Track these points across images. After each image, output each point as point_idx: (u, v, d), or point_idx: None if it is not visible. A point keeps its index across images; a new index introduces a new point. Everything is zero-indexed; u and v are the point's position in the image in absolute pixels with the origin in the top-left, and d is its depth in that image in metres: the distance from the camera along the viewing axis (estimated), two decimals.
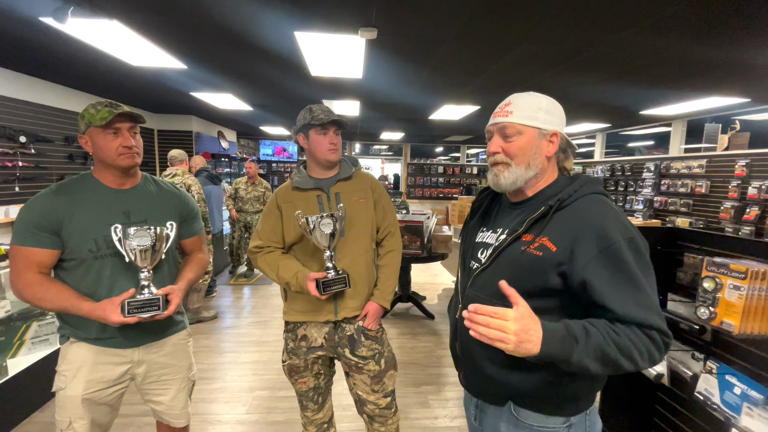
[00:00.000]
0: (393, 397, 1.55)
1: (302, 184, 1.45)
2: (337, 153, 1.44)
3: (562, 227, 0.85)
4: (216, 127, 7.69)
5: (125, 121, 1.23)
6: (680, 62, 2.95)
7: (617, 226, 0.82)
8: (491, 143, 0.97)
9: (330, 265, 1.35)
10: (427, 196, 9.96)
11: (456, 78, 3.62)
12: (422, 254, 3.46)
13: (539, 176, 0.96)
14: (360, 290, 1.45)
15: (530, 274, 0.86)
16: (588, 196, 0.89)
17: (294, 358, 1.47)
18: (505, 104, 0.96)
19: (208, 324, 3.56)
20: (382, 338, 1.52)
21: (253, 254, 1.47)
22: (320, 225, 1.31)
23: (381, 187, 1.56)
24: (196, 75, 3.76)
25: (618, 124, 6.32)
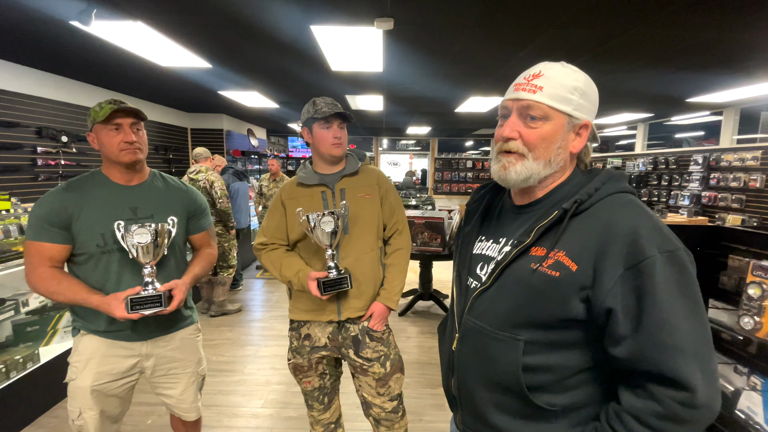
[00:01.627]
0: (400, 401, 1.50)
1: (307, 180, 1.42)
2: (342, 147, 1.40)
3: (583, 238, 0.66)
4: (246, 125, 7.89)
5: (126, 116, 1.25)
6: (731, 43, 2.67)
7: (653, 236, 0.62)
8: (507, 124, 0.73)
9: (332, 264, 1.32)
10: (455, 191, 9.77)
11: (480, 68, 3.48)
12: (443, 251, 3.37)
13: (557, 175, 0.76)
14: (364, 290, 1.40)
15: (546, 301, 0.67)
16: (613, 196, 0.69)
17: (298, 356, 1.45)
18: (533, 74, 0.72)
19: (232, 317, 3.65)
20: (388, 340, 1.46)
21: (258, 251, 1.46)
22: (321, 223, 1.27)
23: (388, 183, 1.51)
24: (222, 74, 3.84)
25: (662, 113, 5.88)
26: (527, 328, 0.70)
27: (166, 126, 5.93)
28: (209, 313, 3.67)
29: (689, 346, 0.58)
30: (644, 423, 0.60)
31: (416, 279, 3.96)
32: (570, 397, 0.69)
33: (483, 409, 0.76)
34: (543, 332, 0.68)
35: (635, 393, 0.62)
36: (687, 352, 0.58)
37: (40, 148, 3.69)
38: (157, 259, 1.25)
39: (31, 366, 2.11)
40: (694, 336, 0.59)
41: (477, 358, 0.76)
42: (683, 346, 0.58)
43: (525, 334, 0.70)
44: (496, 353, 0.72)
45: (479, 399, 0.76)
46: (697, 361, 0.58)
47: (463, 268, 0.85)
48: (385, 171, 11.85)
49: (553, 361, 0.69)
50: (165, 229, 1.26)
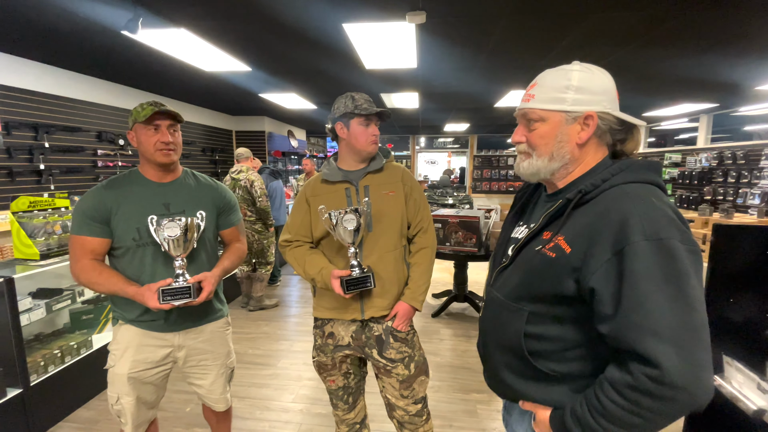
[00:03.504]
0: (424, 405, 1.46)
1: (330, 177, 1.40)
2: (377, 145, 1.40)
3: (580, 225, 0.73)
4: (286, 127, 8.13)
5: (165, 118, 1.31)
6: None
7: (644, 224, 0.65)
8: (515, 131, 0.88)
9: (354, 262, 1.29)
10: (495, 189, 9.46)
11: (519, 60, 3.32)
12: (479, 252, 3.25)
13: (569, 167, 0.82)
14: (388, 289, 1.37)
15: (541, 278, 0.76)
16: (620, 186, 0.73)
17: (321, 355, 1.44)
18: (530, 86, 0.84)
19: (269, 311, 3.76)
20: (412, 341, 1.42)
21: (282, 248, 1.47)
22: (342, 221, 1.26)
23: (413, 180, 1.47)
24: (261, 76, 3.97)
25: (728, 103, 5.32)
26: (530, 301, 0.79)
27: (213, 129, 6.25)
28: (248, 308, 3.81)
29: (664, 329, 0.61)
30: (619, 393, 0.65)
31: (451, 280, 3.86)
32: (569, 367, 0.77)
33: (497, 368, 0.88)
34: (543, 306, 0.78)
35: (616, 365, 0.67)
36: (660, 333, 0.61)
37: (100, 151, 4.01)
38: (187, 252, 1.29)
39: (84, 352, 2.28)
40: (671, 321, 0.61)
41: (493, 324, 0.89)
42: (656, 328, 0.61)
43: (529, 306, 0.79)
44: (505, 320, 0.84)
45: (494, 359, 0.89)
46: (671, 343, 0.60)
47: (499, 251, 0.96)
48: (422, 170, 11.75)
49: (552, 333, 0.78)
50: (194, 223, 1.31)
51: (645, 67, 3.44)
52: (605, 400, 0.66)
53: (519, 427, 0.92)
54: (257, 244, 3.67)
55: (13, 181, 3.20)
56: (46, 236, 2.20)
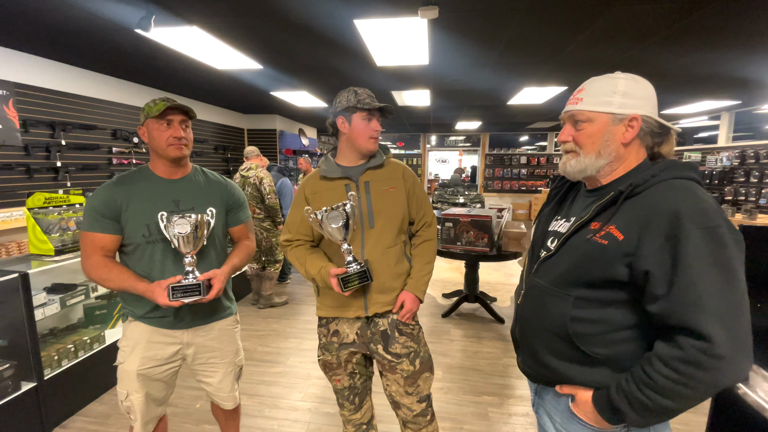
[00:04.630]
0: (429, 404, 1.44)
1: (329, 173, 1.38)
2: (377, 143, 1.38)
3: (632, 215, 0.79)
4: (297, 125, 8.15)
5: (177, 114, 1.31)
6: None
7: (695, 214, 0.72)
8: (561, 131, 0.95)
9: (350, 258, 1.27)
10: (507, 189, 9.34)
11: (533, 56, 3.25)
12: (490, 252, 3.20)
13: (614, 164, 0.89)
14: (391, 284, 1.36)
15: (593, 264, 0.81)
16: (667, 181, 0.80)
17: (326, 353, 1.43)
18: (577, 91, 0.92)
19: (279, 309, 3.77)
20: (418, 336, 1.41)
21: (284, 248, 1.46)
22: (328, 219, 1.23)
23: (414, 176, 1.46)
24: (272, 75, 3.97)
25: (751, 100, 5.14)
26: (577, 287, 0.84)
27: (225, 127, 6.30)
28: (258, 305, 3.82)
29: (714, 307, 0.68)
30: (669, 365, 0.71)
31: (461, 280, 3.81)
32: (612, 350, 0.82)
33: (536, 352, 0.93)
34: (590, 290, 0.83)
35: (665, 342, 0.74)
36: (710, 311, 0.68)
37: (115, 149, 4.07)
38: (197, 249, 1.28)
39: (98, 347, 2.31)
40: (721, 301, 0.68)
41: (535, 310, 0.94)
42: (707, 306, 0.68)
43: (575, 291, 0.85)
44: (550, 305, 0.89)
45: (534, 344, 0.94)
46: (720, 320, 0.67)
47: (538, 241, 1.02)
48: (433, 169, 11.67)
49: (597, 316, 0.83)
50: (204, 219, 1.30)
51: (663, 64, 3.33)
52: (654, 373, 0.72)
53: (554, 410, 0.96)
54: (266, 242, 3.67)
55: (30, 178, 3.27)
56: (61, 232, 2.23)
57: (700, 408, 2.07)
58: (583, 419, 0.87)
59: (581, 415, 0.87)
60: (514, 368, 2.70)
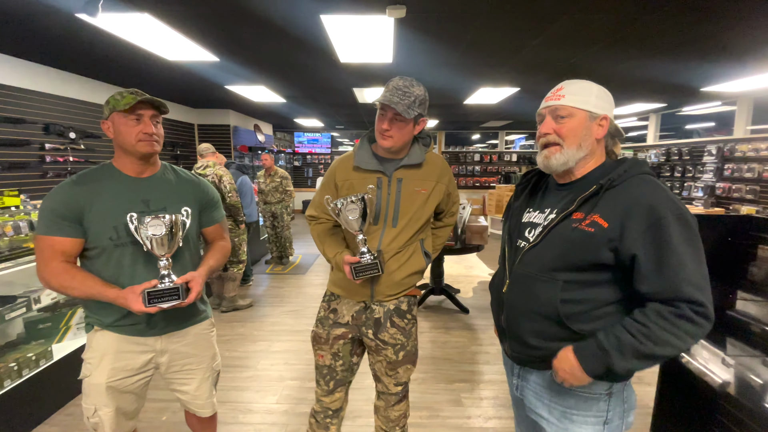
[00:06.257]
0: (405, 388, 1.52)
1: (364, 164, 1.35)
2: (391, 141, 1.28)
3: (614, 205, 0.89)
4: (252, 121, 7.85)
5: (148, 108, 1.23)
6: (747, 31, 2.57)
7: (667, 203, 0.85)
8: (543, 125, 1.01)
9: (364, 249, 1.29)
10: (463, 185, 9.68)
11: (491, 58, 3.40)
12: (455, 245, 3.32)
13: (588, 158, 0.99)
14: (400, 281, 1.39)
15: (581, 250, 0.90)
16: (638, 176, 0.92)
17: (320, 326, 1.47)
18: (557, 89, 1.00)
19: (243, 312, 3.64)
20: (410, 331, 1.45)
21: (309, 222, 1.50)
22: (345, 209, 1.26)
23: (450, 175, 1.47)
24: (229, 67, 3.80)
25: (675, 103, 5.76)
26: (565, 271, 0.93)
27: (173, 122, 5.92)
28: (220, 309, 3.66)
29: (699, 280, 0.82)
30: (665, 318, 0.82)
31: (427, 274, 3.92)
32: (596, 324, 0.92)
33: (527, 335, 1.00)
34: (577, 273, 0.92)
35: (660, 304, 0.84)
36: (696, 283, 0.82)
37: (48, 145, 3.68)
38: (172, 251, 1.21)
39: (44, 363, 2.09)
40: (700, 274, 0.83)
41: (524, 296, 1.00)
42: (696, 280, 0.82)
43: (563, 276, 0.93)
44: (540, 291, 0.96)
45: (524, 327, 1.01)
46: (702, 290, 0.82)
47: (514, 232, 1.09)
48: None
49: (583, 296, 0.92)
50: (179, 220, 1.23)
51: (606, 68, 3.64)
52: (650, 322, 0.83)
53: (540, 388, 1.04)
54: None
55: None
56: None
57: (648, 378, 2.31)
58: (559, 374, 0.93)
59: (558, 369, 0.93)
60: (482, 355, 2.84)
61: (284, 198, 4.99)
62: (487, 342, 3.04)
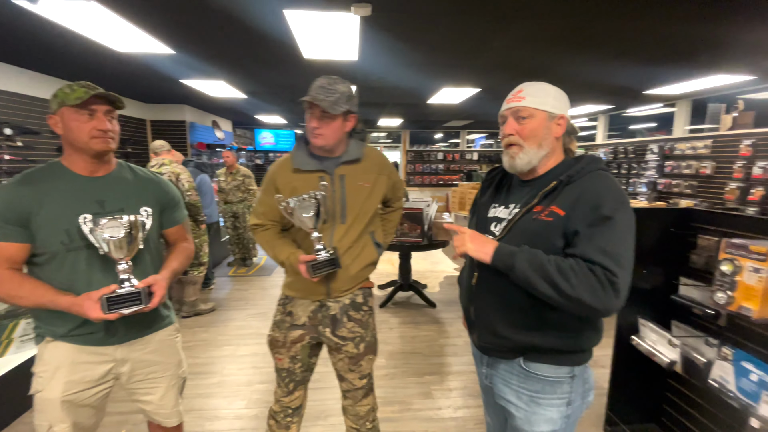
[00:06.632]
0: (369, 380, 1.54)
1: (303, 165, 1.35)
2: (323, 139, 1.29)
3: (570, 196, 0.96)
4: (210, 117, 7.54)
5: (102, 103, 1.15)
6: (686, 38, 2.81)
7: (612, 194, 0.94)
8: (506, 126, 1.05)
9: (319, 246, 1.30)
10: (427, 183, 9.84)
11: (455, 58, 3.48)
12: (423, 242, 3.38)
13: (549, 156, 1.05)
14: (356, 274, 1.41)
15: (542, 239, 0.96)
16: (594, 172, 0.99)
17: (276, 330, 1.46)
18: (517, 91, 1.05)
19: (205, 317, 3.50)
20: (367, 322, 1.47)
21: (253, 230, 1.46)
22: (299, 208, 1.25)
23: (390, 165, 1.51)
24: (186, 61, 3.62)
25: (621, 105, 6.17)
26: None
27: (123, 118, 5.55)
28: (181, 314, 3.49)
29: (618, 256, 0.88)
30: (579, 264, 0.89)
31: (395, 270, 3.96)
32: (558, 312, 0.96)
33: (494, 324, 1.05)
34: None
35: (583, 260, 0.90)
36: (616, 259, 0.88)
37: None
38: (132, 254, 1.15)
39: None
40: (623, 254, 0.89)
41: (494, 288, 1.04)
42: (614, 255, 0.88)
43: None
44: (506, 282, 0.98)
45: (492, 318, 1.06)
46: (620, 266, 0.88)
47: (481, 227, 1.13)
48: None
49: None
50: (139, 221, 1.17)
51: (561, 71, 3.84)
52: (565, 262, 0.90)
53: (509, 375, 1.09)
54: None
55: None
56: None
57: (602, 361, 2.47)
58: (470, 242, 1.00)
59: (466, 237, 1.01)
60: (450, 348, 2.91)
61: (246, 197, 4.84)
62: (454, 334, 3.12)
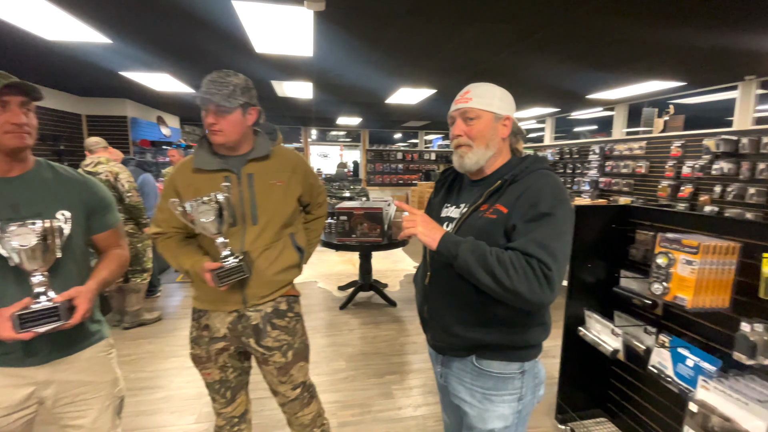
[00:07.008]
0: (304, 389, 1.47)
1: (204, 165, 1.26)
2: (222, 136, 1.22)
3: (513, 195, 0.99)
4: (155, 112, 7.06)
5: (16, 94, 1.02)
6: (624, 45, 3.02)
7: (551, 192, 0.96)
8: (455, 127, 1.07)
9: (226, 252, 1.21)
10: (387, 182, 9.88)
11: (411, 59, 3.50)
12: (383, 242, 3.36)
13: (496, 156, 1.08)
14: (273, 278, 1.32)
15: (487, 236, 0.97)
16: (536, 171, 1.02)
17: (196, 347, 1.36)
18: (465, 92, 1.07)
19: (150, 327, 3.26)
20: (294, 328, 1.40)
21: (154, 240, 1.34)
22: (197, 212, 1.15)
23: (306, 165, 1.43)
24: (125, 51, 3.35)
25: (566, 108, 6.54)
26: None
27: (56, 112, 5.04)
28: (122, 326, 3.22)
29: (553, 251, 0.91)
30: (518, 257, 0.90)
31: (355, 271, 3.91)
32: (507, 309, 0.99)
33: (448, 323, 1.06)
34: None
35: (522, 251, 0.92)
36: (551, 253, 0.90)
37: None
38: (48, 264, 1.02)
39: None
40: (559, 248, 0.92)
41: (445, 287, 1.05)
42: (550, 249, 0.90)
43: None
44: (457, 280, 1.00)
45: (446, 317, 1.07)
46: (555, 260, 0.90)
47: None
48: (314, 163, 11.55)
49: None
50: (55, 227, 1.04)
51: (512, 75, 3.99)
52: (505, 253, 0.91)
53: (462, 372, 1.10)
54: (130, 249, 3.12)
55: None
56: None
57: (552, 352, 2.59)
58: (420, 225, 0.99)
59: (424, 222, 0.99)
60: (410, 346, 2.92)
61: None
62: (414, 332, 3.14)
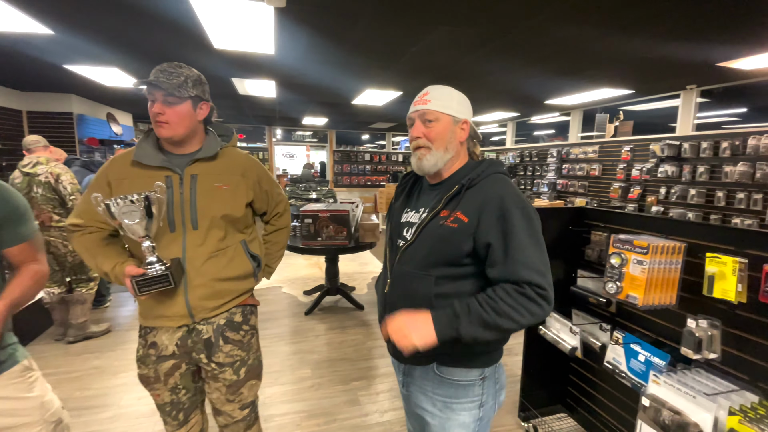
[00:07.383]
0: (252, 409, 1.39)
1: (146, 159, 1.15)
2: (169, 129, 1.13)
3: (473, 202, 0.98)
4: (105, 109, 6.61)
5: None
6: (580, 53, 3.17)
7: (513, 199, 0.96)
8: (414, 129, 1.07)
9: (152, 258, 1.10)
10: (355, 184, 9.81)
11: (376, 60, 3.49)
12: (349, 244, 3.32)
13: (454, 159, 1.08)
14: (221, 288, 1.23)
15: (448, 245, 0.97)
16: (492, 175, 1.02)
17: (143, 367, 1.25)
18: (423, 94, 1.07)
19: (98, 340, 3.02)
20: (249, 343, 1.32)
21: (70, 233, 1.20)
22: (121, 211, 1.04)
23: (258, 169, 1.34)
24: (69, 43, 3.10)
25: (526, 112, 6.79)
26: (437, 267, 0.99)
27: None
28: (66, 339, 2.97)
29: (538, 266, 0.92)
30: (511, 296, 0.90)
31: (321, 275, 3.84)
32: None
33: None
34: (447, 268, 0.98)
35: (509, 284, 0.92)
36: (536, 269, 0.91)
37: None
38: None
39: None
40: (540, 260, 0.93)
41: (404, 293, 1.03)
42: (534, 266, 0.91)
43: (435, 272, 0.99)
44: (416, 287, 1.00)
45: None
46: (543, 275, 0.91)
47: (394, 233, 1.13)
48: (280, 164, 11.27)
49: (453, 290, 0.98)
50: None
51: (475, 79, 4.07)
52: (498, 299, 0.90)
53: (423, 381, 1.09)
54: (72, 257, 2.89)
55: None
56: None
57: (516, 350, 2.66)
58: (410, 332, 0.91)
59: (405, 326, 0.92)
60: (377, 349, 2.90)
61: None
62: (382, 336, 3.12)
